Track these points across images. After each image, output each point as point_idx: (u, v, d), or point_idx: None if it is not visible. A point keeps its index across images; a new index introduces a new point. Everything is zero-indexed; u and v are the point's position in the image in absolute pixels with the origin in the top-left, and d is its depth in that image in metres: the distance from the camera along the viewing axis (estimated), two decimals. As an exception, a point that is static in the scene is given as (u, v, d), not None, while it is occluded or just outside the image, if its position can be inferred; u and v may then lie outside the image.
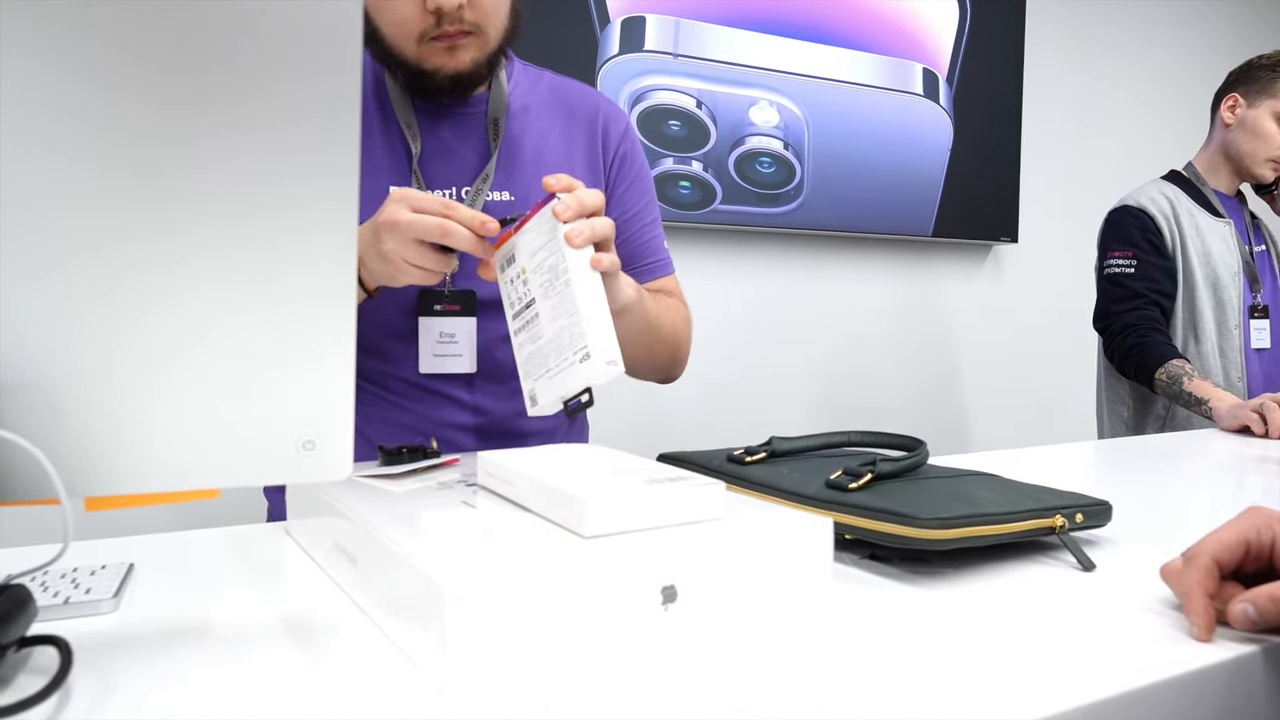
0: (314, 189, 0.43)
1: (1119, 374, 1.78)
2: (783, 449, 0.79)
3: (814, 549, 0.55)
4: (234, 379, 0.44)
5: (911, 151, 2.42)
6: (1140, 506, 0.82)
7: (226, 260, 0.43)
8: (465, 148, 0.93)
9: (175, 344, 0.43)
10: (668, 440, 2.16)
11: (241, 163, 0.42)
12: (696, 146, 2.12)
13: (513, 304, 0.77)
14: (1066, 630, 0.52)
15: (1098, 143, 2.88)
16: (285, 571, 0.63)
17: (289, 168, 0.43)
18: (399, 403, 0.94)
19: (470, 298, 0.92)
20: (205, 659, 0.47)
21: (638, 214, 1.03)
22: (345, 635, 0.50)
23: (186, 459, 0.44)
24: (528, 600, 0.44)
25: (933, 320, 2.61)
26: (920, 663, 0.47)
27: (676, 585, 0.49)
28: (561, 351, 0.70)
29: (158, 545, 0.68)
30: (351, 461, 0.46)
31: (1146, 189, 1.84)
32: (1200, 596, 0.50)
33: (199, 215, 0.42)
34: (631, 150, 1.03)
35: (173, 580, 0.60)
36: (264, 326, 0.44)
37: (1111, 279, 1.78)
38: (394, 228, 0.74)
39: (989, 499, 0.65)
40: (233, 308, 0.43)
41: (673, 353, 1.01)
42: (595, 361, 0.67)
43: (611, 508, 0.51)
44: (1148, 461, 1.11)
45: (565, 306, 0.70)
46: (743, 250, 2.28)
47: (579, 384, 0.69)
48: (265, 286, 0.44)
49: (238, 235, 0.43)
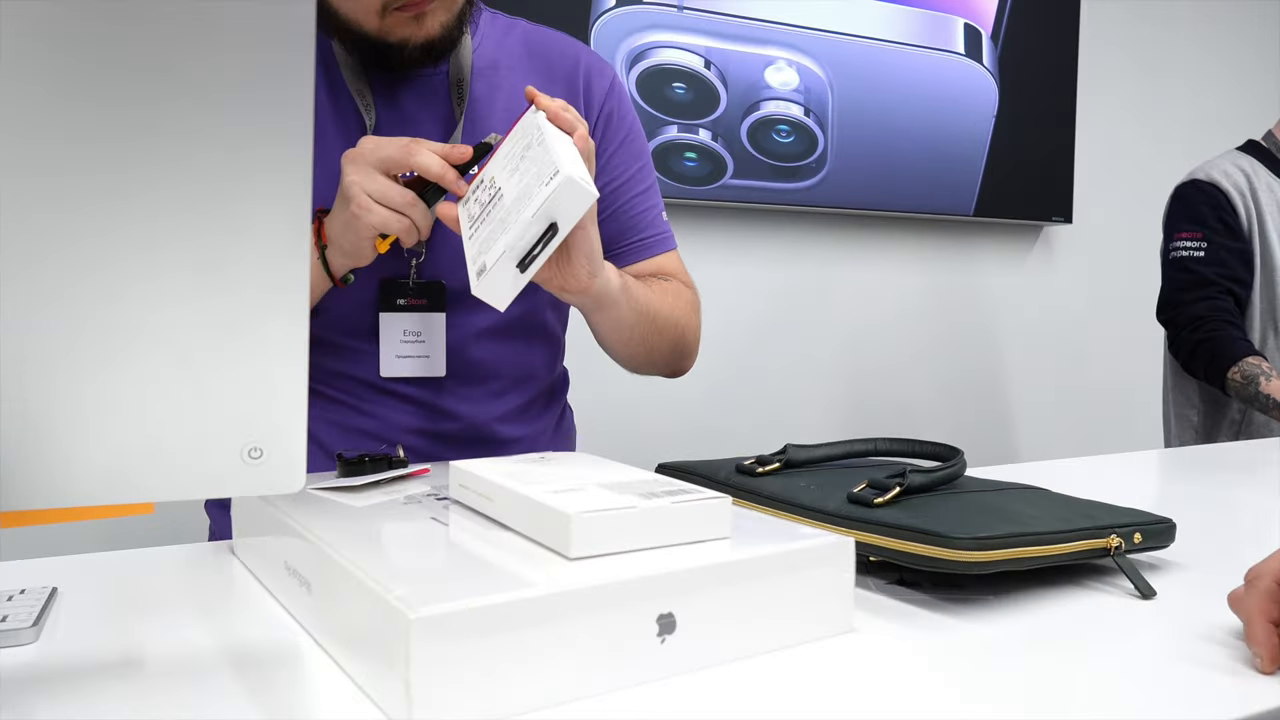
0: (261, 166, 0.43)
1: (1187, 373, 1.78)
2: (799, 459, 0.79)
3: (834, 573, 0.55)
4: (169, 379, 0.44)
5: (950, 119, 2.42)
6: (1209, 525, 0.82)
7: (163, 244, 0.43)
8: (427, 115, 0.93)
9: (102, 339, 0.43)
10: (667, 449, 2.16)
11: (180, 137, 0.42)
12: (704, 113, 2.12)
13: (472, 217, 0.77)
14: (1122, 667, 0.52)
15: (1165, 108, 2.88)
16: (230, 597, 0.63)
17: (233, 141, 0.43)
18: (359, 407, 0.94)
19: (439, 291, 0.92)
20: (137, 696, 0.47)
21: (628, 182, 1.02)
22: (297, 671, 0.50)
23: (116, 469, 0.44)
24: (505, 631, 0.44)
25: (974, 313, 2.61)
26: (955, 706, 0.47)
27: (675, 614, 0.49)
28: (525, 200, 0.71)
29: (84, 567, 0.68)
30: (304, 472, 0.46)
31: (1219, 161, 1.84)
32: (1262, 623, 0.51)
33: (132, 190, 0.42)
34: (619, 107, 1.02)
35: (101, 607, 0.60)
36: (204, 320, 0.44)
37: (1178, 264, 1.78)
38: (356, 159, 0.79)
39: (1035, 516, 0.65)
40: (169, 298, 0.43)
41: (674, 344, 1.01)
42: (565, 176, 0.68)
43: (601, 525, 0.51)
44: (1219, 474, 1.11)
45: (533, 162, 0.73)
46: (756, 231, 2.28)
47: (544, 210, 0.69)
48: (206, 274, 0.44)
49: (175, 214, 0.43)
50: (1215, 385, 1.68)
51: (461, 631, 0.43)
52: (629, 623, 0.48)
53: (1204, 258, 1.75)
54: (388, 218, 0.78)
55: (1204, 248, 1.76)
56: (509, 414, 0.99)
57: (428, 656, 0.42)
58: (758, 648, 0.52)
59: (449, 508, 0.63)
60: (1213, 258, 1.75)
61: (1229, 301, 1.73)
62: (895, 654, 0.54)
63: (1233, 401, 1.76)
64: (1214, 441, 1.78)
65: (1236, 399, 1.67)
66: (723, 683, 0.49)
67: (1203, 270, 1.74)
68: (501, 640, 0.44)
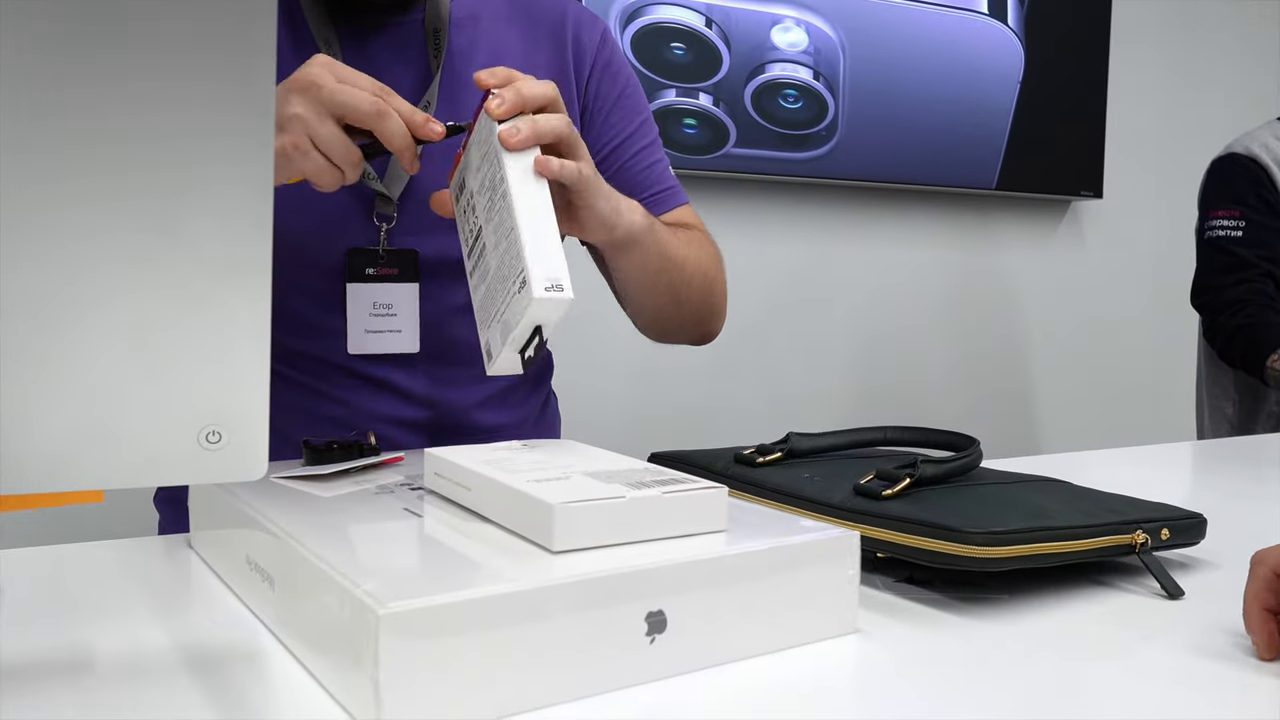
0: (218, 119, 0.43)
1: (1223, 362, 1.79)
2: (803, 448, 0.79)
3: (838, 569, 0.55)
4: (118, 354, 0.44)
5: (972, 84, 2.41)
6: (1242, 522, 0.82)
7: (111, 207, 0.42)
8: (401, 67, 0.92)
9: (43, 310, 0.42)
10: (661, 440, 2.16)
11: (128, 87, 0.42)
12: (706, 76, 2.11)
13: (466, 241, 0.77)
14: (1147, 672, 0.52)
15: (1207, 72, 2.87)
16: (186, 593, 0.63)
17: (188, 96, 0.42)
18: (325, 391, 0.94)
19: (411, 259, 0.92)
20: (86, 700, 0.47)
21: (629, 138, 1.02)
22: (259, 671, 0.50)
23: (61, 454, 0.44)
24: (481, 629, 0.44)
25: (994, 294, 2.61)
26: (967, 714, 0.47)
27: (665, 612, 0.49)
28: (505, 283, 0.69)
29: (27, 561, 0.68)
30: (266, 458, 0.46)
31: (1258, 133, 1.84)
32: (1256, 610, 0.52)
33: (76, 147, 0.42)
34: (612, 60, 1.02)
35: (46, 604, 0.60)
36: (157, 291, 0.44)
37: (1214, 244, 1.78)
38: (313, 90, 0.71)
39: (1055, 510, 0.65)
40: (118, 266, 0.43)
41: (705, 297, 1.00)
42: (533, 288, 0.66)
43: (586, 517, 0.51)
44: (1254, 468, 1.11)
45: (503, 226, 0.69)
46: (761, 204, 2.28)
47: (524, 321, 0.67)
48: (159, 241, 0.43)
49: (124, 173, 0.42)
50: (1253, 375, 1.69)
51: (434, 629, 0.43)
52: (616, 621, 0.48)
53: (1242, 238, 1.75)
54: (321, 169, 0.73)
55: (1242, 227, 1.76)
56: (488, 400, 0.99)
57: (397, 655, 0.42)
58: (754, 649, 0.52)
59: (424, 498, 0.63)
60: (1252, 238, 1.75)
61: (1269, 285, 1.73)
62: (903, 657, 0.54)
63: (1271, 393, 1.77)
64: (1250, 435, 1.79)
65: (1277, 389, 1.68)
66: (716, 686, 0.49)
67: (1241, 251, 1.75)
68: (477, 639, 0.44)
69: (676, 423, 2.20)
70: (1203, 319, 1.81)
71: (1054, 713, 0.47)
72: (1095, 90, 2.61)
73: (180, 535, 0.75)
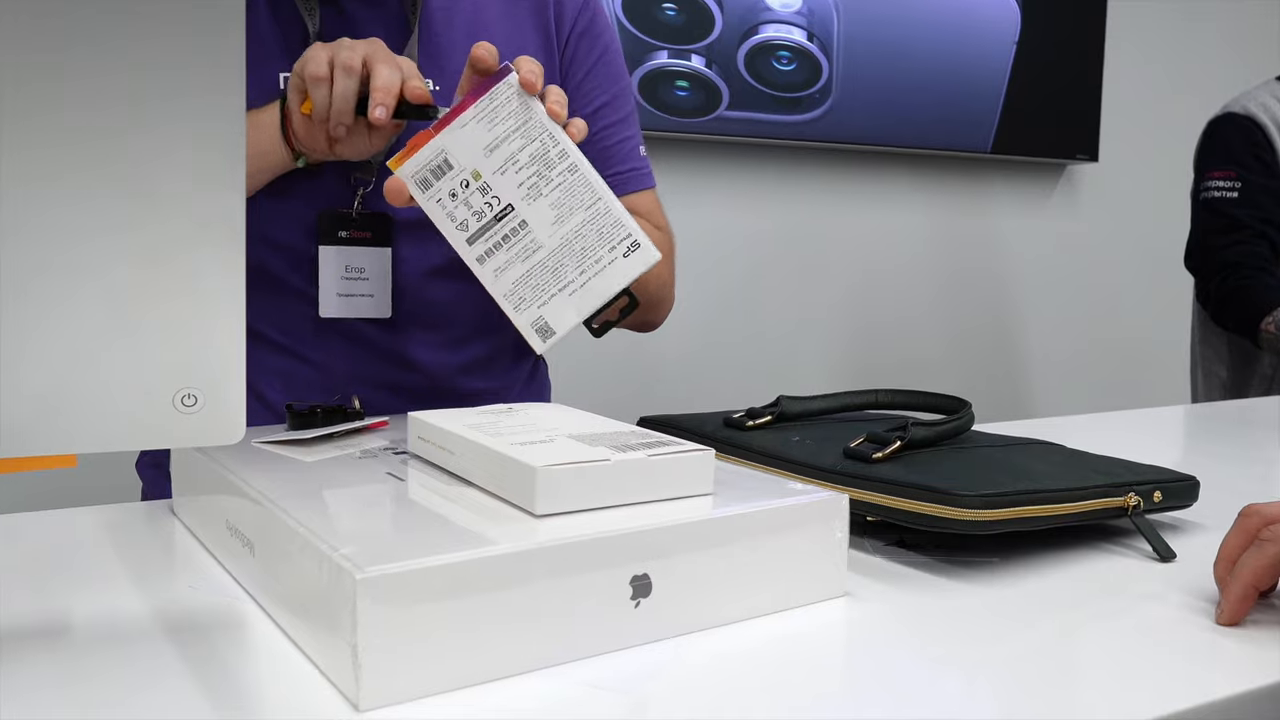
0: (187, 82, 0.42)
1: (1216, 325, 1.78)
2: (793, 411, 0.79)
3: (827, 532, 0.55)
4: (92, 316, 0.43)
5: (967, 46, 2.39)
6: (1234, 484, 0.82)
7: (83, 172, 0.42)
8: (377, 27, 0.91)
9: (17, 272, 0.42)
10: (654, 405, 2.17)
11: (99, 47, 0.41)
12: (698, 37, 2.09)
13: (464, 223, 0.76)
14: (1138, 634, 0.52)
15: (1204, 34, 2.85)
16: (168, 559, 0.63)
17: (155, 58, 0.42)
18: (303, 354, 0.93)
19: (385, 223, 0.91)
20: (65, 668, 0.46)
21: (603, 108, 1.00)
22: (239, 638, 0.50)
23: (33, 417, 0.43)
24: (462, 594, 0.44)
25: (989, 259, 2.61)
26: (960, 675, 0.47)
27: (650, 576, 0.49)
28: (591, 252, 0.73)
29: (7, 527, 0.68)
30: (244, 421, 0.46)
31: (1255, 93, 1.82)
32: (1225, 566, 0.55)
33: (45, 114, 0.41)
34: (594, 23, 1.00)
35: (21, 571, 0.60)
36: (131, 252, 0.43)
37: (1209, 205, 1.77)
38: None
39: (1047, 472, 0.65)
40: (92, 228, 0.42)
41: (653, 302, 1.00)
42: (647, 251, 0.72)
43: (570, 480, 0.50)
44: (1247, 430, 1.11)
45: (578, 197, 0.73)
46: (753, 168, 2.26)
47: (622, 281, 0.72)
48: (130, 199, 0.43)
49: (94, 140, 0.42)
50: (1246, 338, 1.69)
51: (414, 594, 0.43)
52: (600, 585, 0.48)
53: (1237, 199, 1.74)
54: (320, 81, 0.76)
55: (1238, 188, 1.75)
56: (472, 365, 0.98)
57: (376, 620, 0.42)
58: (741, 613, 0.52)
59: (407, 462, 0.63)
60: (1247, 199, 1.74)
61: (1264, 247, 1.72)
62: (893, 620, 0.54)
63: (1264, 356, 1.77)
64: (1243, 398, 1.79)
65: (1269, 352, 1.68)
66: (702, 651, 0.49)
67: (1236, 212, 1.74)
68: (458, 604, 0.44)
69: (669, 392, 2.20)
70: (1196, 282, 1.81)
71: (1045, 675, 0.47)
72: (1091, 53, 2.59)
73: (163, 501, 0.75)
